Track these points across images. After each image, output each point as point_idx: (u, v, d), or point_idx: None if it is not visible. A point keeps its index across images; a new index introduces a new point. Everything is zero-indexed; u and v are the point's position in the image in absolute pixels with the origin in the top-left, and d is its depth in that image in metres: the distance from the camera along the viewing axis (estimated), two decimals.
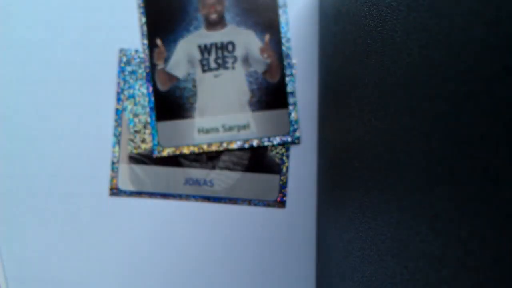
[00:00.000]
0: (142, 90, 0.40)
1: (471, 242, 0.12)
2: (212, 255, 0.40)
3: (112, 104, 0.40)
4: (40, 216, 0.39)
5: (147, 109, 0.40)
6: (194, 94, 0.40)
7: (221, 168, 0.40)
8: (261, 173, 0.40)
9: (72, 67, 0.40)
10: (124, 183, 0.40)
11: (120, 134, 0.40)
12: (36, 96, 0.40)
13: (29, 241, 0.39)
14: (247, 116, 0.40)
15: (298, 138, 0.40)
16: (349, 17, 0.28)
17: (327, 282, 0.35)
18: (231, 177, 0.40)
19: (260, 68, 0.40)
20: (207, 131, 0.40)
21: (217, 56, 0.40)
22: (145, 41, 0.40)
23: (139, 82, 0.40)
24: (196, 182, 0.40)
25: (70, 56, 0.40)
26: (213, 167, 0.40)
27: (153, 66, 0.40)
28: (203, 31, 0.40)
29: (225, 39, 0.40)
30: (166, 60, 0.40)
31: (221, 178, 0.40)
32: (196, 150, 0.39)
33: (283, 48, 0.40)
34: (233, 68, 0.40)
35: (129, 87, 0.40)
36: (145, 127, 0.40)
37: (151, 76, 0.40)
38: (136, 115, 0.40)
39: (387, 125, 0.20)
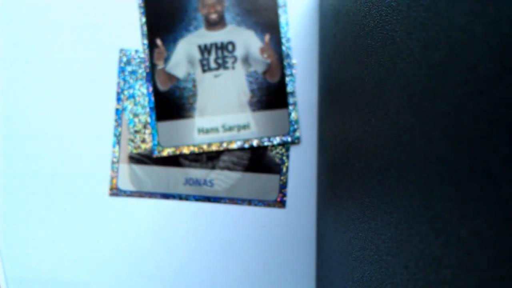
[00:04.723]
0: (142, 90, 0.40)
1: (471, 242, 0.12)
2: (212, 255, 0.40)
3: (112, 104, 0.40)
4: (40, 216, 0.39)
5: (147, 109, 0.40)
6: (194, 94, 0.40)
7: (221, 168, 0.40)
8: (261, 173, 0.40)
9: (72, 67, 0.40)
10: (124, 183, 0.40)
11: (120, 134, 0.40)
12: (36, 96, 0.40)
13: (29, 241, 0.40)
14: (247, 116, 0.40)
15: (298, 138, 0.40)
16: (349, 17, 0.28)
17: (327, 282, 0.35)
18: (231, 177, 0.40)
19: (260, 68, 0.40)
20: (207, 131, 0.40)
21: (217, 56, 0.40)
22: (145, 41, 0.40)
23: (139, 82, 0.40)
24: (196, 182, 0.40)
25: (70, 56, 0.40)
26: (213, 167, 0.40)
27: (153, 66, 0.40)
28: (203, 31, 0.40)
29: (225, 39, 0.40)
30: (166, 60, 0.40)
31: (221, 178, 0.40)
32: (196, 150, 0.39)
33: (283, 48, 0.40)
34: (233, 68, 0.40)
35: (129, 87, 0.40)
36: (145, 127, 0.40)
37: (151, 76, 0.40)
38: (136, 115, 0.40)
39: (387, 125, 0.20)
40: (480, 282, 0.12)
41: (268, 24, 0.40)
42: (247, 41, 0.40)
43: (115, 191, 0.40)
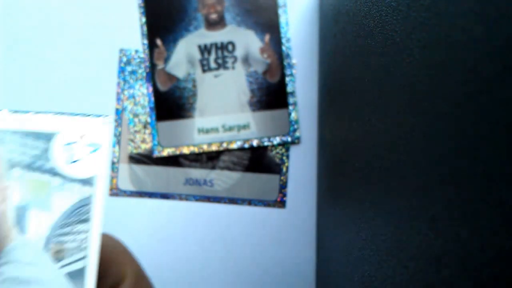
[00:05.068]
0: (142, 90, 0.40)
1: (471, 242, 0.12)
2: (212, 254, 0.40)
3: (112, 104, 0.40)
4: None
5: (147, 109, 0.40)
6: (194, 94, 0.40)
7: (221, 168, 0.40)
8: (261, 173, 0.40)
9: (73, 67, 0.40)
10: (124, 183, 0.40)
11: (120, 134, 0.40)
12: (36, 95, 0.40)
13: None
14: (247, 116, 0.40)
15: (298, 138, 0.40)
16: (349, 17, 0.28)
17: (327, 282, 0.35)
18: (231, 177, 0.40)
19: (260, 68, 0.40)
20: (207, 131, 0.40)
21: (217, 56, 0.40)
22: (145, 41, 0.40)
23: (139, 82, 0.40)
24: (196, 182, 0.40)
25: (70, 56, 0.40)
26: (213, 167, 0.40)
27: (153, 66, 0.40)
28: (203, 31, 0.40)
29: (225, 39, 0.40)
30: (166, 60, 0.40)
31: (221, 178, 0.40)
32: (196, 150, 0.39)
33: (283, 48, 0.40)
34: (233, 68, 0.40)
35: (129, 87, 0.40)
36: (145, 127, 0.40)
37: (151, 76, 0.40)
38: (136, 115, 0.40)
39: (387, 125, 0.20)
40: (480, 282, 0.12)
41: (268, 24, 0.40)
42: (247, 41, 0.40)
43: (115, 191, 0.40)
